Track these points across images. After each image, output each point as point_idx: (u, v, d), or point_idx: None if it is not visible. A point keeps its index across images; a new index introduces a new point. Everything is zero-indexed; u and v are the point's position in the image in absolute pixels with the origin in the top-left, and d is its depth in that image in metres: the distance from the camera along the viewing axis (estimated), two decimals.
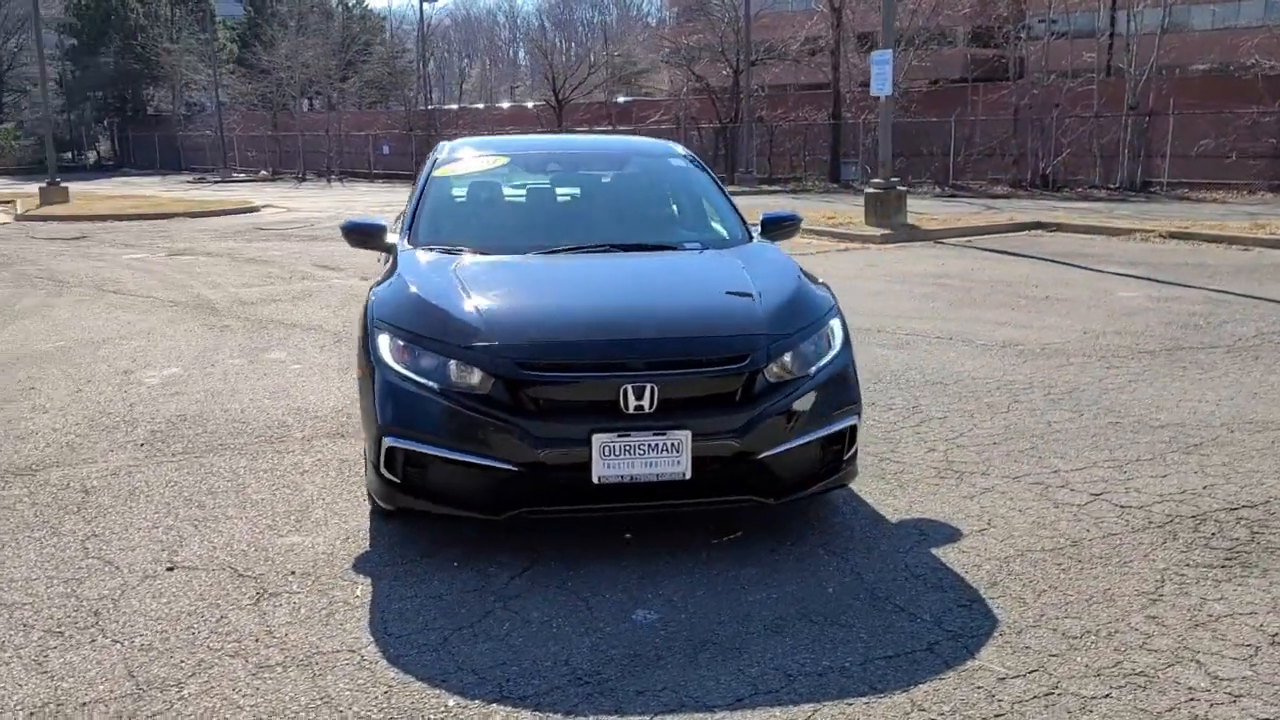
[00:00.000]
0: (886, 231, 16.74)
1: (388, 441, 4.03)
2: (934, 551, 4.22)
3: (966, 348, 8.20)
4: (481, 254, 4.94)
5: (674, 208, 5.74)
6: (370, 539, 4.37)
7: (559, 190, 5.76)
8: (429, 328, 4.17)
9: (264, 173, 47.10)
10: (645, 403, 3.91)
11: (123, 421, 6.19)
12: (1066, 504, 4.75)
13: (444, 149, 5.97)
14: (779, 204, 24.11)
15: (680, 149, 6.10)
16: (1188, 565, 4.07)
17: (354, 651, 3.40)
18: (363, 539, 4.37)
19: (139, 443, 5.76)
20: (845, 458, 4.36)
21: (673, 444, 3.91)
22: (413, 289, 4.46)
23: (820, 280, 4.96)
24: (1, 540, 4.37)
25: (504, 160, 5.91)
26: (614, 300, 4.45)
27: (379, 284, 4.72)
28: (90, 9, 54.52)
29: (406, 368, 4.09)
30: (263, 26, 53.01)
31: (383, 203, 28.03)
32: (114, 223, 21.86)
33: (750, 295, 4.41)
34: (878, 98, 18.29)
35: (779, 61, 36.85)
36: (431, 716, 3.03)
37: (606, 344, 4.05)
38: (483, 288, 4.45)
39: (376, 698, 3.12)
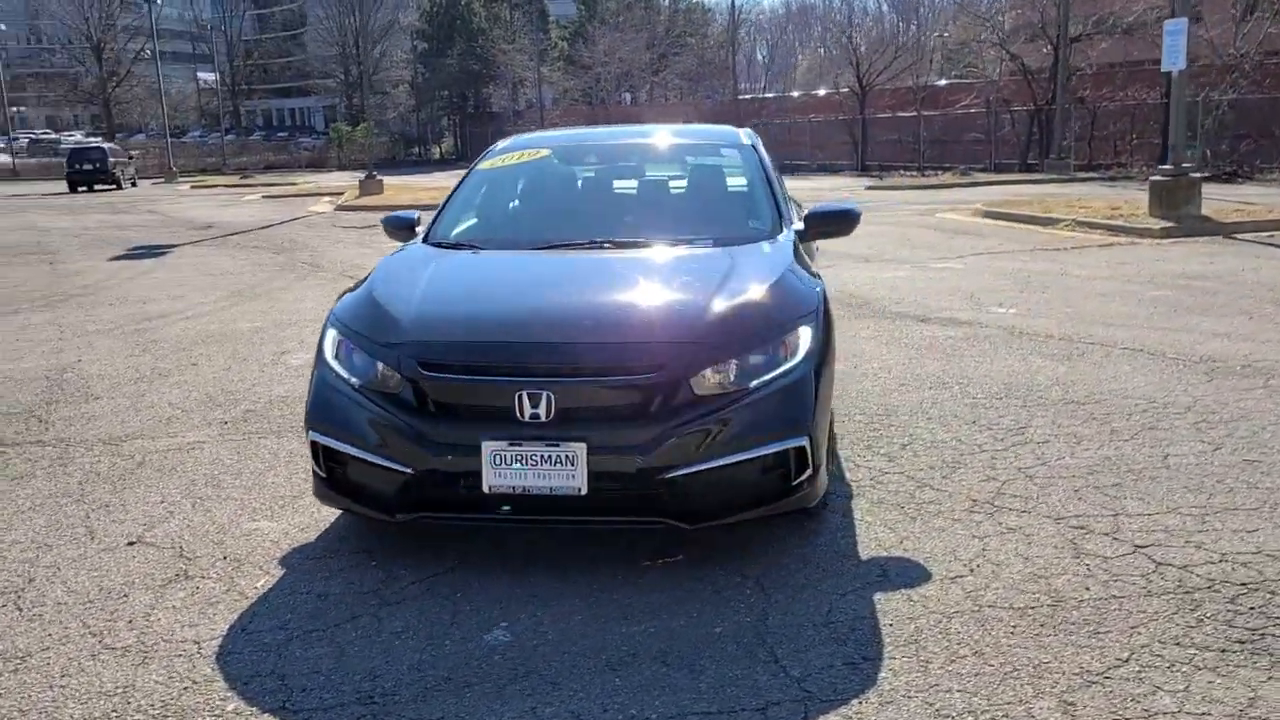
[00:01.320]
0: (1169, 224, 14.94)
1: (312, 436, 4.08)
2: (876, 597, 3.70)
3: (1149, 361, 7.16)
4: (477, 249, 4.91)
5: (705, 200, 5.42)
6: (325, 529, 4.45)
7: (587, 184, 5.60)
8: (366, 325, 4.18)
9: None
10: (541, 411, 3.71)
11: (230, 400, 6.71)
12: (1092, 554, 4.01)
13: (500, 143, 5.97)
14: (1086, 193, 22.22)
15: (742, 137, 5.70)
16: (1178, 644, 3.31)
17: (196, 643, 3.47)
18: (319, 528, 4.46)
19: (224, 421, 6.22)
20: (794, 483, 3.91)
21: (566, 456, 3.68)
22: (373, 285, 4.49)
23: (816, 275, 4.51)
24: (32, 503, 4.86)
25: (545, 153, 5.82)
26: (545, 301, 4.26)
27: (359, 281, 4.79)
28: (440, 15, 59.57)
29: (339, 364, 4.12)
30: (586, 25, 55.59)
31: None
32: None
33: (705, 299, 4.06)
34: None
35: (1106, 37, 33.84)
36: (198, 718, 3.04)
37: (507, 346, 3.89)
38: (438, 286, 4.42)
39: (171, 693, 3.17)
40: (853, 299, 10.16)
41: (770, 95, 57.91)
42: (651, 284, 4.36)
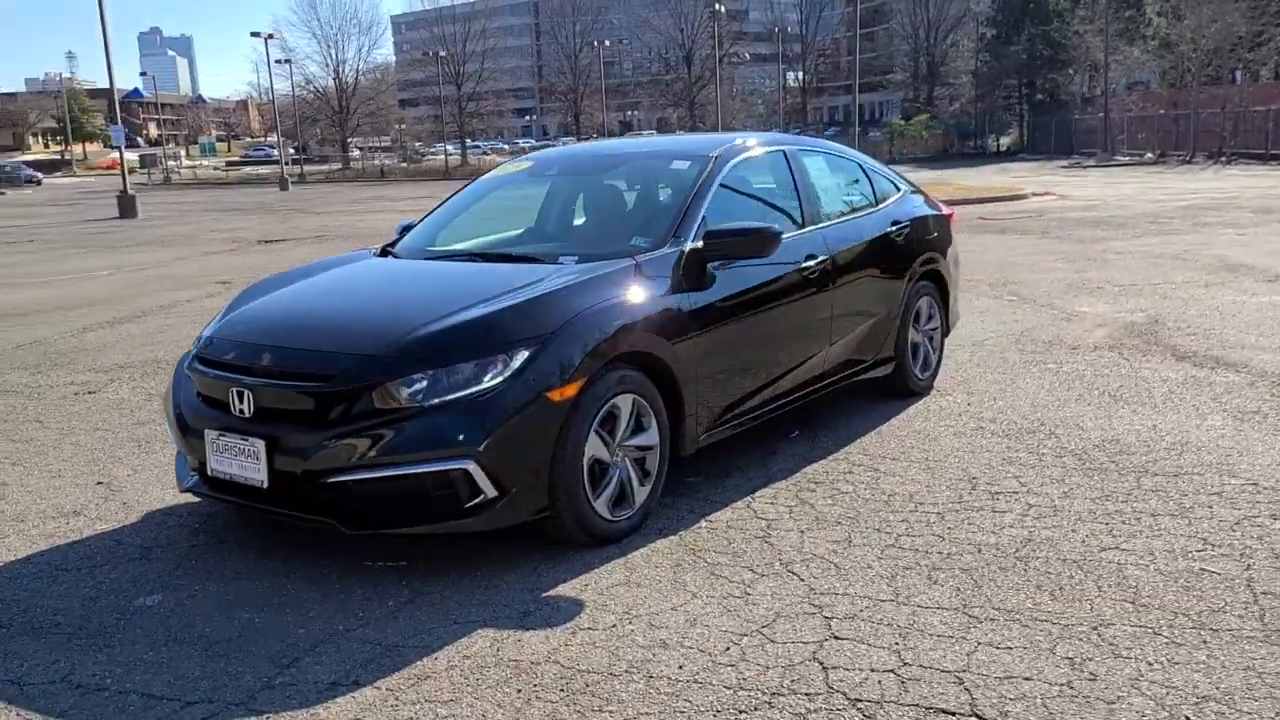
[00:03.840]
0: None
1: (170, 413, 4.89)
2: (479, 631, 3.62)
3: None
4: (395, 256, 5.42)
5: (613, 214, 5.38)
6: None
7: (529, 198, 5.81)
8: (214, 320, 4.90)
9: (1149, 155, 45.12)
10: (245, 407, 4.15)
11: None
12: (769, 636, 3.51)
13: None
14: None
15: (719, 149, 5.38)
16: None
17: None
18: None
19: None
20: (467, 505, 3.93)
21: (252, 450, 4.08)
22: (250, 287, 5.19)
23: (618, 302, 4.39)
24: (111, 441, 6.21)
25: (526, 165, 6.06)
26: (298, 308, 4.69)
27: None
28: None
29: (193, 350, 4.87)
30: None
31: (1217, 190, 25.48)
32: None
33: (428, 316, 4.19)
34: None
35: None
36: None
37: (232, 345, 4.37)
38: (288, 288, 4.99)
39: None
40: (1151, 325, 8.72)
41: None
42: (416, 298, 4.56)
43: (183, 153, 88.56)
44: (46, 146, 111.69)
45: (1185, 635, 3.42)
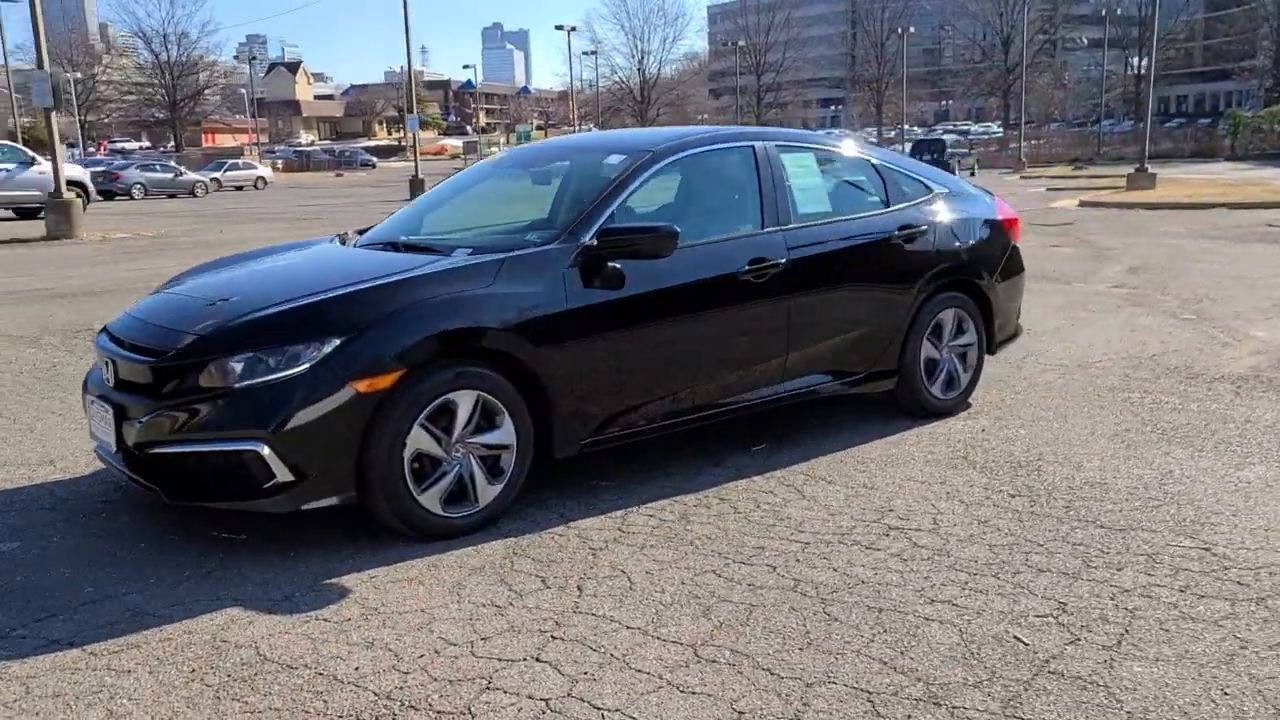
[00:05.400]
0: None
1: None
2: (226, 609, 3.78)
3: None
4: (343, 243, 5.65)
5: (530, 208, 5.36)
6: None
7: (483, 188, 5.87)
8: None
9: None
10: (110, 376, 4.51)
11: None
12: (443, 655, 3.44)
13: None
14: None
15: (664, 145, 5.22)
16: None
17: None
18: None
19: None
20: (264, 486, 4.08)
21: (107, 417, 4.43)
22: (204, 265, 5.59)
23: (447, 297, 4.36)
24: None
25: (501, 156, 6.10)
26: (207, 288, 4.92)
27: None
28: None
29: None
30: None
31: None
32: (1161, 211, 21.98)
33: (271, 299, 4.38)
34: None
35: None
36: None
37: (128, 320, 4.76)
38: (221, 270, 5.34)
39: None
40: None
41: None
42: (283, 284, 4.73)
43: (502, 140, 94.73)
44: (389, 134, 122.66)
45: (897, 707, 3.03)
